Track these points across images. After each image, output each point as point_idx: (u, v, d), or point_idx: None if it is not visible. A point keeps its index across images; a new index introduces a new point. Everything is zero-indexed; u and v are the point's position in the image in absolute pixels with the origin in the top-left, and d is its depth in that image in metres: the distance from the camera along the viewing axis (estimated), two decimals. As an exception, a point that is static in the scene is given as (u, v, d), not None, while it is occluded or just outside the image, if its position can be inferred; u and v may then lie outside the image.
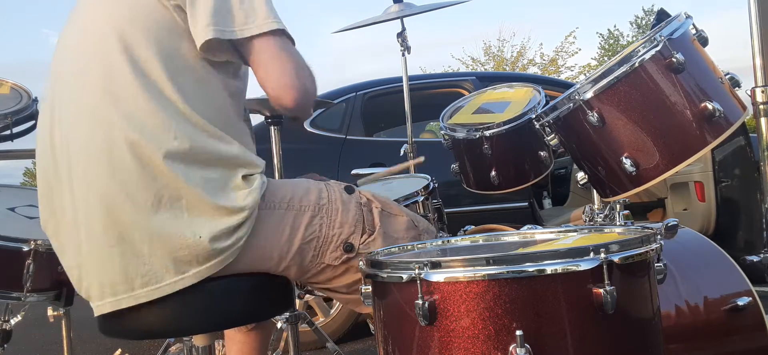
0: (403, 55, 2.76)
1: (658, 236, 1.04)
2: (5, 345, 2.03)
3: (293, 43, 1.30)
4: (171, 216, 1.19)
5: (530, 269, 0.91)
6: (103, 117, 1.20)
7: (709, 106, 1.32)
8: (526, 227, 1.40)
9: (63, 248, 1.29)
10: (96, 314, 1.28)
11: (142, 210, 1.18)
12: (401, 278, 0.97)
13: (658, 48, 1.33)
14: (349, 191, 1.41)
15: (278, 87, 1.26)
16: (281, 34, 1.27)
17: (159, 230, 1.19)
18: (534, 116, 1.56)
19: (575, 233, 1.22)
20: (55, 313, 2.02)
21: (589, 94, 1.38)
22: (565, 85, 4.15)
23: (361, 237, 1.36)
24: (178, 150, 1.20)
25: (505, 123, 2.00)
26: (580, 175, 1.55)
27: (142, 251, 1.20)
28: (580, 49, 33.00)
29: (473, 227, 2.18)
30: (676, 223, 1.61)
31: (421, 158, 1.92)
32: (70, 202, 1.23)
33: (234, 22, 1.23)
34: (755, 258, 1.56)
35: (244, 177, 1.27)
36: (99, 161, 1.19)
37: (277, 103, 1.29)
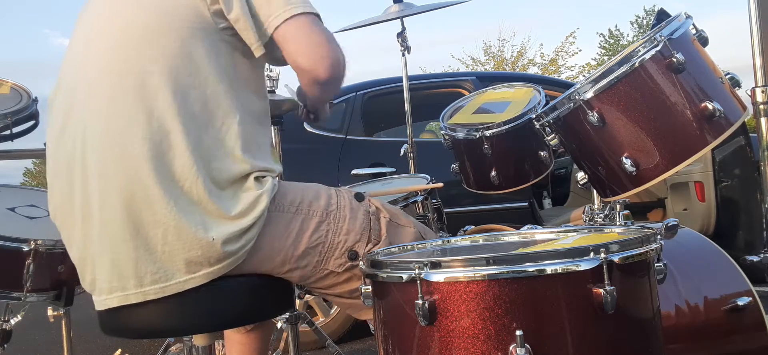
0: (403, 55, 2.76)
1: (658, 236, 1.04)
2: (5, 345, 2.03)
3: (321, 20, 1.31)
4: (186, 216, 1.19)
5: (530, 269, 0.91)
6: (124, 113, 1.20)
7: (709, 106, 1.32)
8: (526, 227, 1.40)
9: (71, 240, 1.29)
10: (101, 309, 1.27)
11: (159, 208, 1.18)
12: (401, 277, 0.97)
13: (658, 48, 1.33)
14: (359, 198, 1.41)
15: (311, 59, 1.26)
16: (307, 14, 1.28)
17: (174, 228, 1.19)
18: (534, 116, 1.56)
19: (575, 233, 1.22)
20: (55, 313, 2.01)
21: (589, 94, 1.38)
22: (565, 85, 4.15)
23: (367, 246, 1.36)
24: (200, 143, 1.21)
25: (505, 123, 2.00)
26: (580, 175, 1.55)
27: (155, 248, 1.20)
28: (580, 50, 33.04)
29: (473, 227, 2.18)
30: (676, 223, 1.61)
31: (440, 184, 1.93)
32: (85, 193, 1.23)
33: (264, 22, 1.26)
34: (755, 258, 1.56)
35: (256, 178, 1.28)
36: (118, 158, 1.19)
37: (311, 77, 1.29)
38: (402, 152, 2.79)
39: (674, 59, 1.32)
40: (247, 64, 1.32)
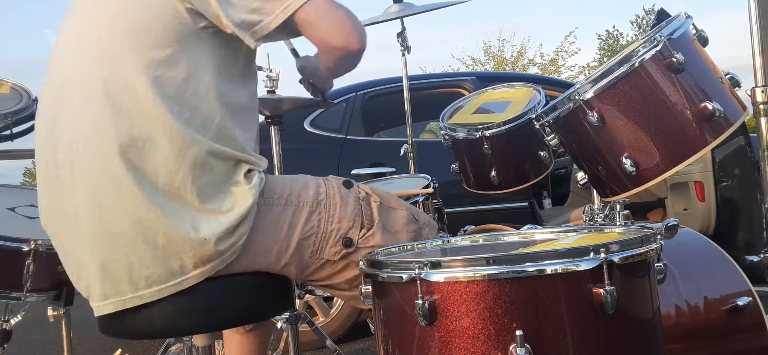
0: (403, 55, 2.76)
1: (658, 236, 1.04)
2: (5, 345, 2.03)
3: None
4: (176, 217, 1.19)
5: (530, 269, 0.91)
6: (108, 118, 1.20)
7: (709, 106, 1.32)
8: (526, 227, 1.40)
9: (65, 248, 1.29)
10: (97, 315, 1.28)
11: (148, 212, 1.18)
12: (401, 277, 0.97)
13: (658, 48, 1.33)
14: (348, 185, 1.42)
15: (342, 35, 1.27)
16: None
17: (164, 231, 1.19)
18: (534, 116, 1.56)
19: (575, 233, 1.22)
20: (55, 313, 2.02)
21: (589, 94, 1.38)
22: (565, 85, 4.15)
23: (360, 231, 1.36)
24: (185, 143, 1.20)
25: (505, 123, 2.00)
26: (580, 175, 1.55)
27: (146, 253, 1.20)
28: (580, 50, 33.01)
29: (473, 226, 2.19)
30: (676, 223, 1.61)
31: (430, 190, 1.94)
32: (73, 202, 1.23)
33: (273, 8, 1.25)
34: (755, 258, 1.56)
35: (246, 174, 1.28)
36: (104, 163, 1.19)
37: (344, 52, 1.30)
38: (402, 152, 2.79)
39: (674, 59, 1.32)
40: (230, 60, 1.31)
